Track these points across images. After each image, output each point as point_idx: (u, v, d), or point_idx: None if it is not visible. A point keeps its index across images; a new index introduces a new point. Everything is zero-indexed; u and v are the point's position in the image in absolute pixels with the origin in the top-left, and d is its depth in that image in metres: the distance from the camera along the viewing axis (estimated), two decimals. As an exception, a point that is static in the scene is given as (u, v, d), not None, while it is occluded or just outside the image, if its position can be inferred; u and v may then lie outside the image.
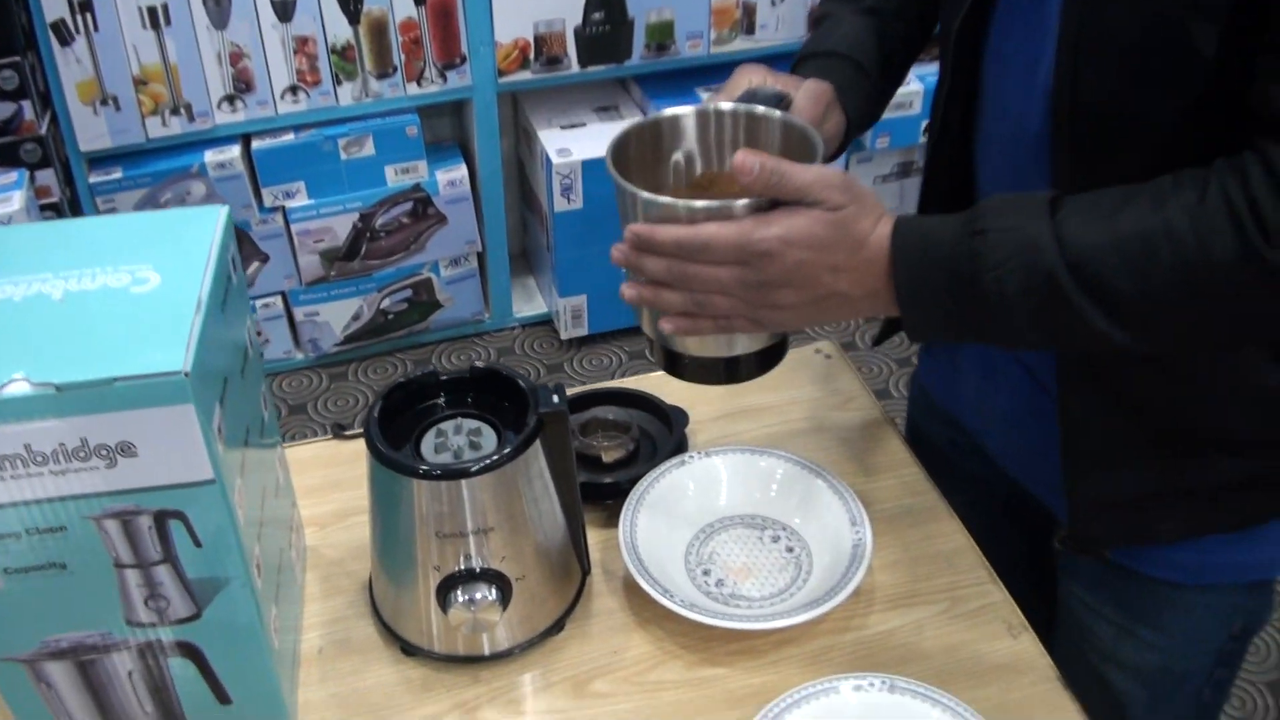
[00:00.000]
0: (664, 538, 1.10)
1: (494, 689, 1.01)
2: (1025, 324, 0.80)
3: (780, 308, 0.83)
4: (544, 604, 1.02)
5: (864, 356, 2.88)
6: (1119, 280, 0.77)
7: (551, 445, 0.96)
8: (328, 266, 2.73)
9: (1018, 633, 1.05)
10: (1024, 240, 0.78)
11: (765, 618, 1.00)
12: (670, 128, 0.95)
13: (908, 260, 0.80)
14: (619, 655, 1.03)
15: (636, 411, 1.22)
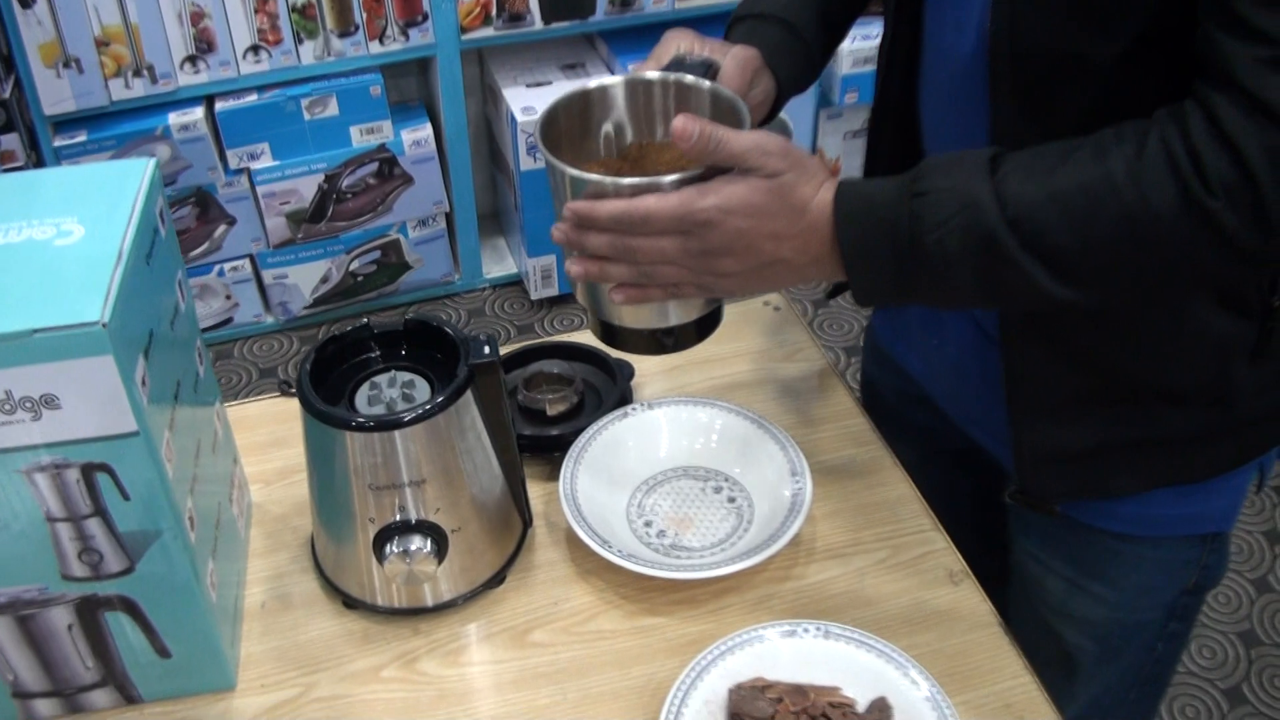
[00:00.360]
0: (606, 490, 1.10)
1: (434, 640, 1.01)
2: (969, 283, 0.80)
3: (725, 275, 0.83)
4: (483, 556, 1.02)
5: (836, 313, 2.88)
6: (1060, 235, 0.76)
7: (484, 396, 0.96)
8: (295, 229, 2.72)
9: (959, 579, 1.05)
10: (964, 199, 0.77)
11: (704, 567, 1.00)
12: (599, 99, 0.95)
13: (850, 225, 0.80)
14: (559, 606, 1.04)
15: (582, 365, 1.22)
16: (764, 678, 0.93)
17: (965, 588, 1.05)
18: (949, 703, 0.90)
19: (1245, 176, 0.72)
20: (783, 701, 0.91)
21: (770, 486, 1.09)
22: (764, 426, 1.13)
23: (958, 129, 0.94)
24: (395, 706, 0.96)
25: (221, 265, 2.74)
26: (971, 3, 0.87)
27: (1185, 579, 1.05)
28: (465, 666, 0.99)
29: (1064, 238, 0.76)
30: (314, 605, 1.05)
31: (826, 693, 0.93)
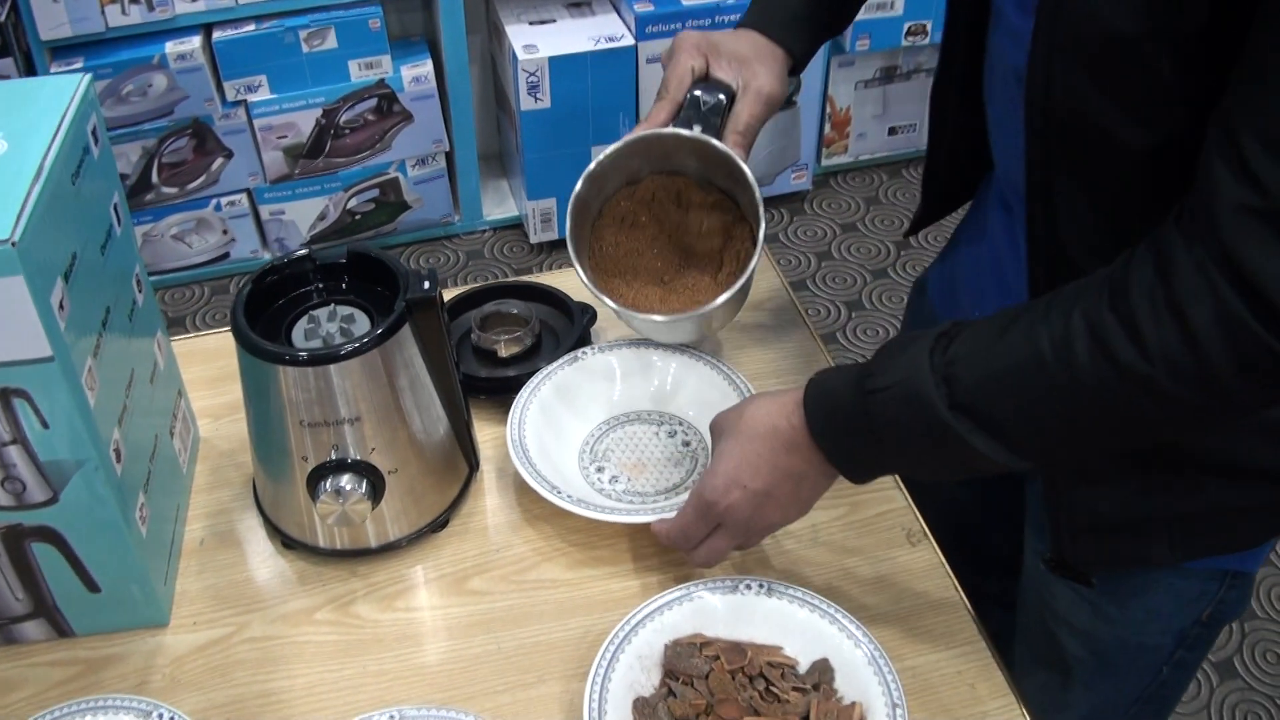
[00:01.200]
0: (556, 436, 1.07)
1: (371, 584, 0.99)
2: (937, 464, 0.81)
3: (774, 524, 0.90)
4: (423, 498, 1.00)
5: (838, 265, 2.84)
6: (1006, 416, 0.75)
7: (424, 333, 0.93)
8: (292, 164, 2.69)
9: (917, 540, 1.03)
10: (910, 393, 0.77)
11: (652, 512, 0.98)
12: (613, 167, 1.02)
13: (825, 438, 0.83)
14: (500, 553, 1.01)
15: (541, 306, 1.19)
16: (703, 634, 0.91)
17: (923, 549, 1.02)
18: (891, 667, 0.87)
19: (1190, 347, 0.67)
20: (719, 660, 0.88)
21: None
22: (719, 368, 1.10)
23: (1007, 119, 0.89)
24: (325, 650, 0.94)
25: (219, 199, 2.72)
26: (1018, 45, 0.82)
27: (1199, 610, 0.99)
28: (400, 612, 0.97)
29: (1010, 418, 0.75)
30: (253, 544, 1.03)
31: (766, 651, 0.90)
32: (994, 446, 0.76)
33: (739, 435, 0.88)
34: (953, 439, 0.77)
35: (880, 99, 3.00)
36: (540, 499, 1.02)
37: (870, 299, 2.76)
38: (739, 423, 0.88)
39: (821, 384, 0.85)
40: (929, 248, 2.91)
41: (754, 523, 0.89)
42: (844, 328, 2.67)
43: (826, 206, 3.03)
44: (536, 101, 2.60)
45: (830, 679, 0.89)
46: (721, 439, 0.90)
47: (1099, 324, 0.70)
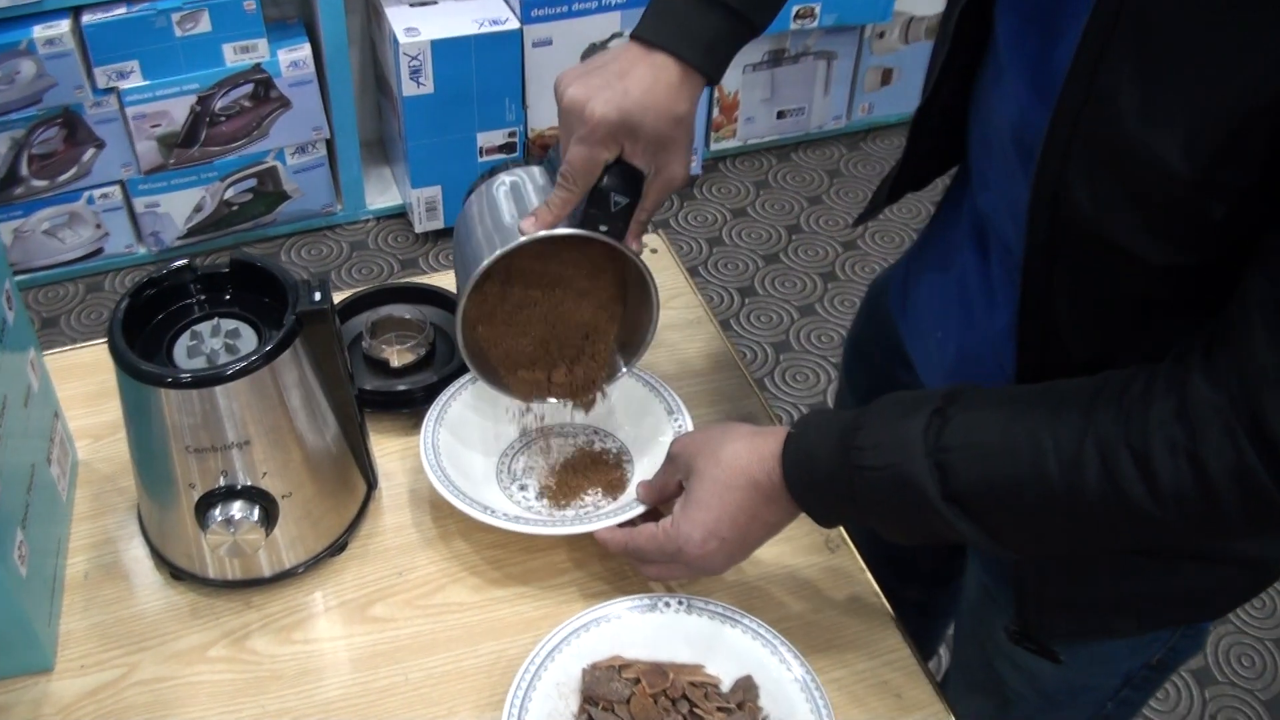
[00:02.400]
0: (471, 447, 1.04)
1: (267, 615, 0.94)
2: (918, 535, 0.79)
3: (721, 564, 0.88)
4: (319, 522, 0.95)
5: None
6: (1001, 519, 0.74)
7: (315, 347, 0.88)
8: (166, 153, 2.57)
9: (835, 545, 1.01)
10: (901, 478, 0.75)
11: (569, 522, 0.95)
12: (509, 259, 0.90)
13: (805, 496, 0.83)
14: (404, 577, 0.97)
15: (434, 310, 1.14)
16: (621, 656, 0.88)
17: (842, 555, 1.00)
18: (817, 681, 0.85)
19: (1204, 495, 0.66)
20: (640, 683, 0.85)
21: (648, 437, 1.04)
22: (638, 375, 1.07)
23: (1003, 180, 0.82)
24: (222, 690, 0.89)
25: (91, 192, 2.59)
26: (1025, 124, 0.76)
27: (1150, 655, 0.96)
28: (299, 644, 0.92)
29: (1005, 522, 0.74)
30: (141, 576, 0.97)
31: (688, 671, 0.87)
32: (982, 538, 0.75)
33: (717, 484, 0.85)
34: (940, 522, 0.75)
35: (768, 82, 2.99)
36: (440, 517, 0.98)
37: (763, 284, 2.74)
38: (715, 468, 0.85)
39: (803, 444, 0.82)
40: (820, 231, 2.91)
41: (720, 565, 0.88)
42: (738, 314, 2.66)
43: (716, 191, 3.01)
44: (419, 86, 2.52)
45: (755, 697, 0.86)
46: (697, 483, 0.86)
47: (1112, 457, 0.68)
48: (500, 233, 0.89)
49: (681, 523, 0.86)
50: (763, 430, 0.86)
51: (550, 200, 0.87)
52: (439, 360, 1.11)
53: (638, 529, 0.90)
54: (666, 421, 1.04)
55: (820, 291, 2.73)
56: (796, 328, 2.63)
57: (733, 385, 1.15)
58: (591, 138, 0.83)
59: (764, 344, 2.59)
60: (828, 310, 2.68)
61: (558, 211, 0.87)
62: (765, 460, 0.83)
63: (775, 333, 2.62)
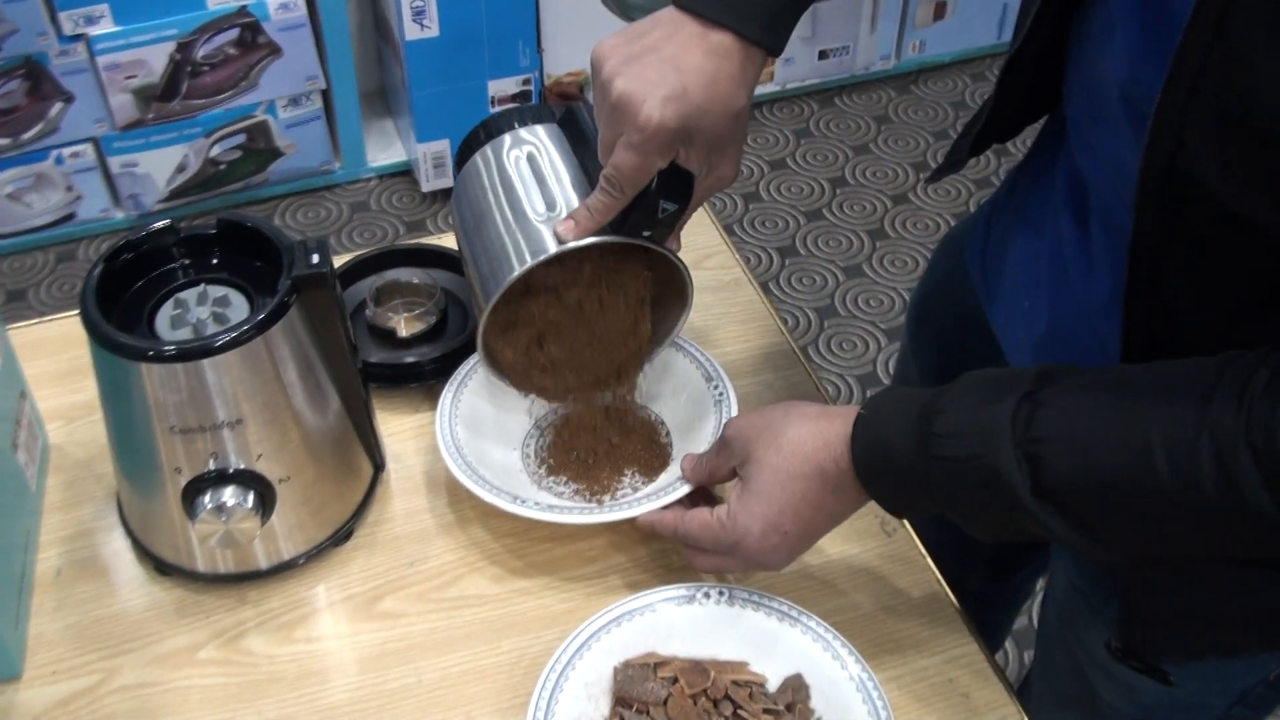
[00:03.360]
0: (495, 431, 1.04)
1: (264, 612, 0.94)
2: (1004, 532, 0.78)
3: (782, 559, 0.88)
4: (321, 509, 0.95)
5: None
6: (1102, 521, 0.73)
7: (314, 315, 0.87)
8: (144, 108, 2.57)
9: (893, 529, 1.00)
10: (986, 472, 0.74)
11: (608, 509, 0.95)
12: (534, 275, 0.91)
13: (878, 487, 0.82)
14: (416, 567, 0.97)
15: (445, 273, 1.14)
16: (656, 653, 0.87)
17: (899, 540, 0.99)
18: (874, 679, 0.84)
19: None
20: (678, 682, 0.84)
21: (687, 407, 1.04)
22: (681, 345, 1.07)
23: (1108, 142, 0.81)
24: (213, 695, 0.89)
25: (60, 151, 2.59)
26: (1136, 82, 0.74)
27: (1268, 670, 0.94)
28: (300, 643, 0.92)
29: (1104, 522, 0.73)
30: (121, 571, 0.97)
31: (731, 669, 0.87)
32: (1079, 539, 0.73)
33: (778, 473, 0.84)
34: (1029, 521, 0.73)
35: (808, 19, 2.96)
36: (459, 499, 0.98)
37: (805, 244, 2.73)
38: (776, 455, 0.84)
39: (875, 428, 0.81)
40: (867, 184, 2.89)
41: (780, 561, 0.88)
42: (777, 276, 2.64)
43: (753, 142, 2.99)
44: (423, 30, 2.51)
45: (805, 697, 0.86)
46: (756, 471, 0.85)
47: (1230, 455, 0.66)
48: (528, 235, 0.89)
49: (739, 514, 0.85)
50: (829, 411, 0.85)
51: (592, 205, 0.86)
52: (451, 329, 1.10)
53: (690, 515, 0.89)
54: (706, 390, 1.03)
55: (868, 251, 2.72)
56: (842, 291, 2.62)
57: (775, 352, 1.14)
58: (646, 147, 0.81)
59: (806, 309, 2.57)
60: (877, 271, 2.66)
61: (599, 219, 0.86)
62: (832, 445, 0.82)
63: (818, 296, 2.60)
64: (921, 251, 2.71)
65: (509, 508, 0.93)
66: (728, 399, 1.02)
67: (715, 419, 1.00)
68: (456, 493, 1.01)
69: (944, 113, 3.11)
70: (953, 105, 3.13)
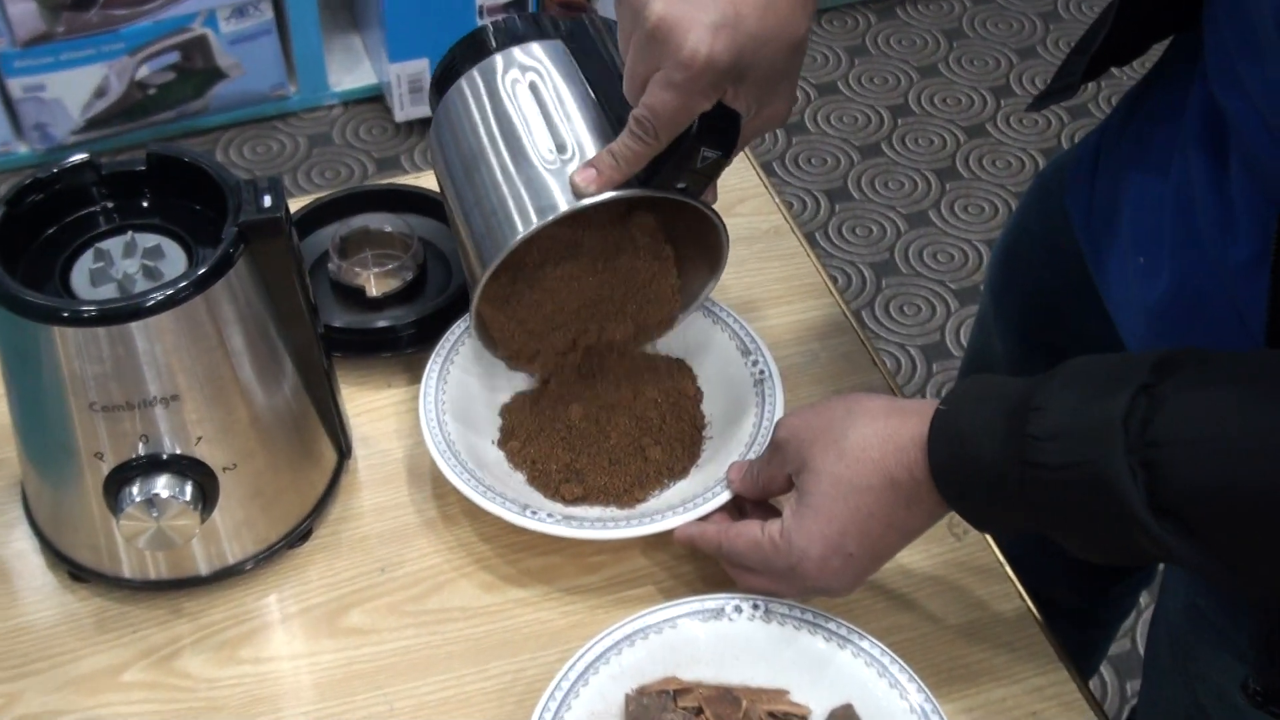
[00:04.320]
0: (491, 414, 1.05)
1: (202, 627, 0.95)
2: (1114, 554, 0.79)
3: (845, 584, 0.89)
4: (274, 503, 0.96)
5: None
6: (1239, 544, 0.72)
7: (265, 270, 0.88)
8: (52, 18, 2.58)
9: (964, 531, 1.01)
10: (1093, 480, 0.73)
11: (626, 523, 0.96)
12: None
13: (961, 501, 0.82)
14: (389, 573, 0.98)
15: (423, 220, 1.14)
16: (677, 678, 0.88)
17: (973, 544, 1.00)
18: (942, 714, 0.85)
19: None
20: (702, 714, 0.85)
21: (720, 385, 1.06)
22: (715, 311, 1.08)
23: (1258, 72, 0.80)
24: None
25: (-50, 74, 2.62)
26: None
27: None
28: (247, 665, 0.93)
29: (1242, 545, 0.72)
30: (26, 577, 0.98)
31: (766, 697, 0.88)
32: (1208, 564, 0.72)
33: (840, 484, 0.84)
34: (1147, 541, 0.73)
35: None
36: (443, 492, 0.99)
37: (859, 185, 2.74)
38: (837, 462, 0.85)
39: (957, 426, 0.80)
40: (935, 113, 2.89)
41: (844, 586, 0.88)
42: (825, 225, 2.65)
43: (796, 59, 3.00)
44: (396, -76, 2.53)
45: (857, 733, 0.86)
46: (813, 481, 0.86)
47: None
48: (534, 186, 0.89)
49: (795, 534, 0.86)
50: (900, 407, 0.85)
51: (618, 152, 0.86)
52: (432, 287, 1.11)
53: (737, 530, 0.90)
54: (741, 365, 1.04)
55: (936, 194, 2.72)
56: (904, 242, 2.62)
57: (823, 317, 1.15)
58: (691, 86, 0.82)
59: (860, 264, 2.58)
60: (946, 219, 2.67)
61: (627, 168, 0.86)
62: (905, 450, 0.82)
63: (875, 250, 2.61)
64: (1000, 195, 2.71)
65: (519, 520, 0.94)
66: (770, 377, 1.02)
67: (756, 403, 1.02)
68: (439, 484, 1.02)
69: (1030, 26, 3.11)
70: (1041, 16, 3.13)
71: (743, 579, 0.91)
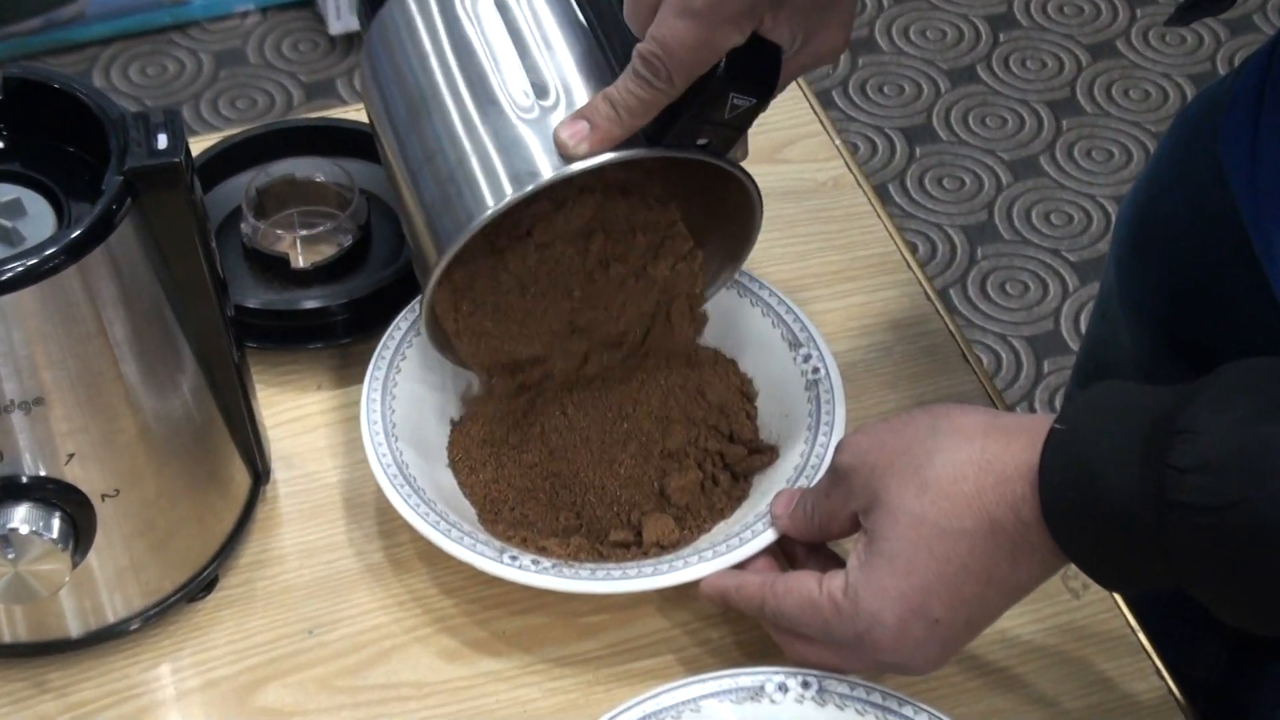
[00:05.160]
0: (449, 421, 1.06)
1: (72, 707, 0.96)
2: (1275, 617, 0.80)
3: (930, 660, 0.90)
4: (168, 543, 0.96)
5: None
6: None
7: (160, 233, 0.88)
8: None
9: (1082, 587, 1.01)
10: (1257, 524, 0.73)
11: (644, 572, 0.96)
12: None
13: (1087, 556, 0.82)
14: (319, 636, 0.99)
15: (369, 167, 1.15)
16: (705, 779, 0.89)
17: (1093, 603, 1.01)
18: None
19: None
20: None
21: (764, 389, 1.06)
22: (741, 286, 1.08)
23: None
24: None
25: None
26: None
27: None
28: (131, 756, 0.94)
29: None
30: None
31: (821, 807, 0.89)
32: None
33: (922, 527, 0.84)
34: None
35: None
36: (391, 528, 1.01)
37: (947, 121, 2.76)
38: (917, 499, 0.85)
39: (1076, 458, 0.80)
40: (1051, 24, 2.89)
41: (927, 662, 0.89)
42: (902, 173, 2.66)
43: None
44: None
45: None
46: (887, 522, 0.86)
47: None
48: (505, 143, 0.89)
49: (864, 592, 0.86)
50: (1002, 424, 0.85)
51: (619, 98, 0.86)
52: (377, 255, 1.12)
53: (785, 584, 0.90)
54: (789, 362, 1.05)
55: (1049, 134, 2.73)
56: (1006, 198, 2.63)
57: (898, 297, 1.16)
58: (716, 13, 0.82)
59: (947, 226, 2.59)
60: (1063, 168, 2.68)
61: (631, 121, 0.86)
62: (1009, 482, 0.82)
63: (968, 207, 2.62)
64: (1134, 137, 2.71)
65: (493, 567, 0.94)
66: (827, 378, 1.03)
67: (809, 413, 1.02)
68: (386, 518, 1.02)
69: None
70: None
71: (792, 648, 0.91)
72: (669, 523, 0.99)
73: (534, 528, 1.00)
